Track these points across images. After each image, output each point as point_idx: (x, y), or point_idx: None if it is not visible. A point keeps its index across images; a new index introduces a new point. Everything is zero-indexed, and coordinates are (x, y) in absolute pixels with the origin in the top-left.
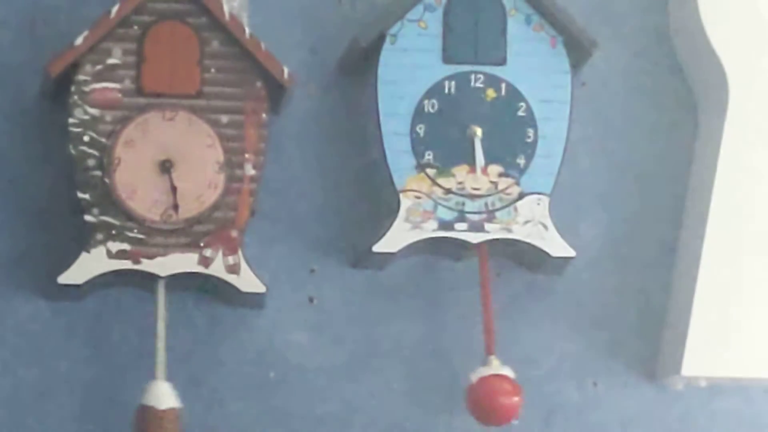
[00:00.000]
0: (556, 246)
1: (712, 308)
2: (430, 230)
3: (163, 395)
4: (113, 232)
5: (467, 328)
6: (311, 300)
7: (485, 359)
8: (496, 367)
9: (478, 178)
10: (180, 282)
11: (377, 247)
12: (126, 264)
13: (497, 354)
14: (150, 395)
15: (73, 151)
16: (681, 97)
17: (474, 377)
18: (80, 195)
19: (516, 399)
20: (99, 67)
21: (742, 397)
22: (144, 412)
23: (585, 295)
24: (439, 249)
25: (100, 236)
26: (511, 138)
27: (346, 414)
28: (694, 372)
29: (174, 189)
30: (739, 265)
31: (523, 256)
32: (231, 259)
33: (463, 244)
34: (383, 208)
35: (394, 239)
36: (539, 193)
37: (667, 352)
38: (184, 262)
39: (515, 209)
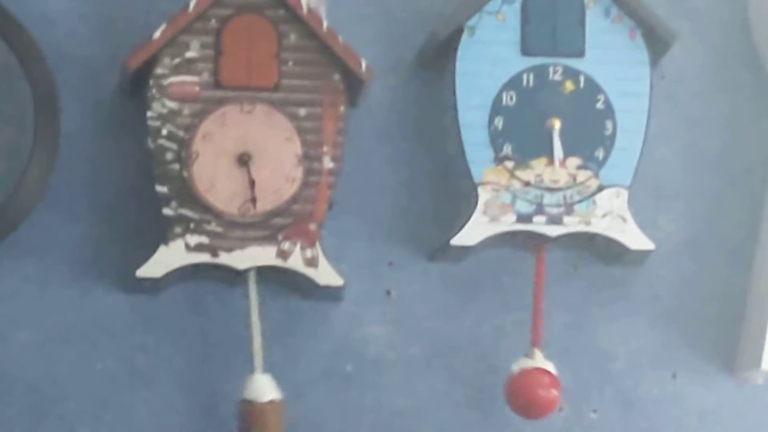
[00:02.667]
0: (635, 239)
1: None
2: (508, 223)
3: (264, 388)
4: (191, 225)
5: (545, 321)
6: (389, 293)
7: (530, 351)
8: (540, 360)
9: (557, 170)
10: (258, 275)
11: (455, 240)
12: (204, 257)
13: (578, 346)
14: (250, 389)
15: (151, 145)
16: (760, 90)
17: (515, 369)
18: (158, 188)
19: (554, 392)
20: (177, 60)
21: None
22: (246, 406)
23: (664, 287)
24: (518, 242)
25: (178, 229)
26: (589, 130)
27: (422, 408)
28: None
29: (252, 182)
30: None
31: (601, 249)
32: (309, 252)
33: (542, 238)
34: (461, 201)
35: (472, 232)
36: (618, 186)
37: (746, 345)
38: (262, 255)
39: (594, 202)
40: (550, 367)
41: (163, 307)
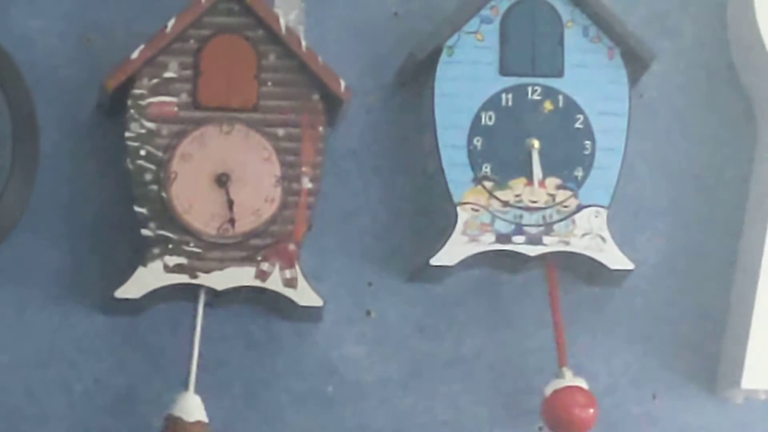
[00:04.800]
0: (615, 258)
1: None
2: (487, 243)
3: (193, 407)
4: (170, 246)
5: (525, 341)
6: (369, 313)
7: (558, 371)
8: (570, 378)
9: (536, 190)
10: (237, 295)
11: (435, 260)
12: (183, 278)
13: (554, 366)
14: (179, 406)
15: (129, 165)
16: (739, 108)
17: (548, 390)
18: (137, 209)
19: (591, 411)
20: (155, 80)
21: None
22: (172, 423)
23: (643, 307)
24: (497, 262)
25: (156, 250)
26: (568, 150)
27: (403, 428)
28: (754, 385)
29: (231, 203)
30: None
31: (581, 269)
32: (288, 273)
33: (521, 257)
34: (440, 221)
35: (452, 252)
36: (597, 206)
37: (726, 364)
38: (241, 276)
39: (573, 222)
40: (583, 384)
41: (142, 328)
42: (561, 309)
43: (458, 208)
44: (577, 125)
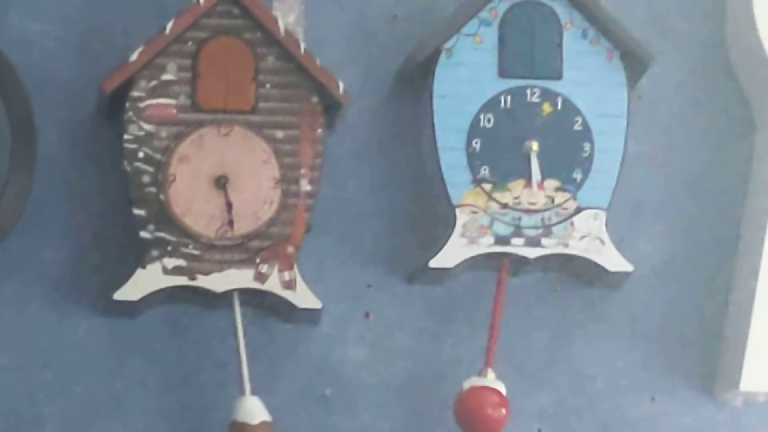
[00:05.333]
0: (614, 260)
1: None
2: (486, 245)
3: (254, 410)
4: (168, 248)
5: (523, 343)
6: (367, 315)
7: (483, 370)
8: (491, 380)
9: (535, 192)
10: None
11: (433, 263)
12: (181, 280)
13: (556, 368)
14: (240, 411)
15: (128, 168)
16: (738, 110)
17: (466, 385)
18: (135, 211)
19: (503, 411)
20: (154, 83)
21: None
22: (237, 428)
23: (642, 309)
24: (496, 264)
25: (155, 252)
26: (567, 152)
27: (402, 431)
28: (752, 387)
29: (229, 205)
30: None
31: (580, 271)
32: (287, 275)
33: (520, 260)
34: (439, 223)
35: (451, 254)
36: (596, 208)
37: (725, 367)
38: (240, 278)
39: (572, 224)
40: (501, 388)
41: (141, 330)
42: (558, 310)
43: (457, 210)
44: (576, 127)
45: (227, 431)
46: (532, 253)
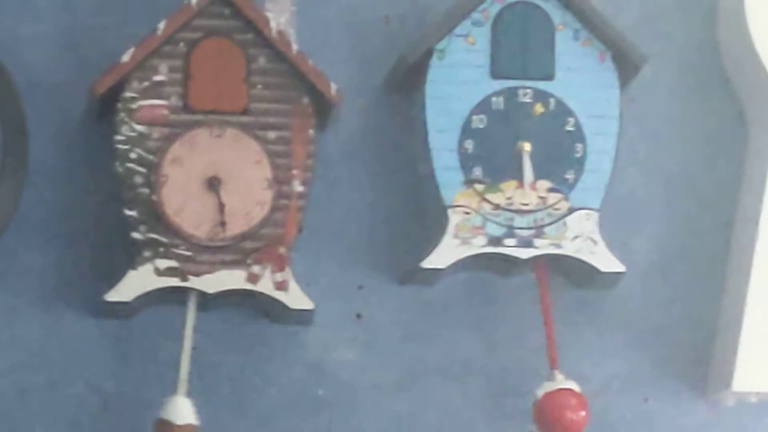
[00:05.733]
0: (606, 261)
1: (762, 323)
2: (479, 246)
3: (182, 410)
4: (160, 249)
5: (517, 344)
6: (359, 316)
7: (550, 374)
8: (561, 381)
9: (527, 193)
10: (228, 299)
11: (426, 263)
12: (173, 281)
13: (546, 369)
14: (168, 410)
15: (120, 169)
16: (730, 111)
17: (540, 392)
18: (127, 212)
19: (583, 413)
20: (146, 84)
21: None
22: (161, 427)
23: (635, 310)
24: (488, 265)
25: (147, 253)
26: (559, 153)
27: None
28: (744, 387)
29: (221, 206)
30: None
31: (572, 272)
32: (279, 276)
33: (512, 260)
34: (432, 224)
35: (443, 255)
36: (588, 208)
37: (717, 367)
38: (231, 279)
39: (564, 224)
40: (574, 387)
41: (133, 331)
42: (552, 312)
43: (449, 211)
44: (568, 128)
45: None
46: (524, 253)
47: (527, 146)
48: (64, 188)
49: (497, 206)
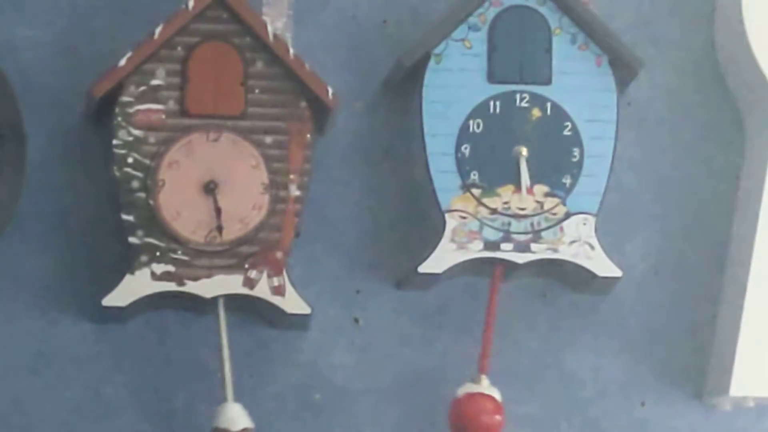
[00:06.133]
0: (603, 266)
1: (760, 328)
2: (475, 251)
3: (237, 417)
4: (157, 253)
5: (513, 348)
6: (356, 321)
7: (476, 377)
8: (486, 386)
9: (524, 198)
10: (224, 303)
11: (423, 268)
12: (170, 286)
13: (546, 374)
14: (222, 417)
15: (117, 173)
16: (727, 115)
17: (460, 392)
18: (124, 217)
19: (498, 418)
20: (143, 88)
21: None
22: None
23: (632, 315)
24: (485, 270)
25: (144, 258)
26: (556, 157)
27: None
28: (742, 392)
29: (218, 210)
30: None
31: (569, 277)
32: (276, 281)
33: (509, 265)
34: (429, 228)
35: (440, 260)
36: (585, 213)
37: (715, 372)
38: (228, 283)
39: (561, 229)
40: (496, 394)
41: (130, 336)
42: (547, 316)
43: (446, 216)
44: (566, 132)
45: None
46: (521, 258)
47: (524, 151)
48: (61, 192)
49: (494, 211)
